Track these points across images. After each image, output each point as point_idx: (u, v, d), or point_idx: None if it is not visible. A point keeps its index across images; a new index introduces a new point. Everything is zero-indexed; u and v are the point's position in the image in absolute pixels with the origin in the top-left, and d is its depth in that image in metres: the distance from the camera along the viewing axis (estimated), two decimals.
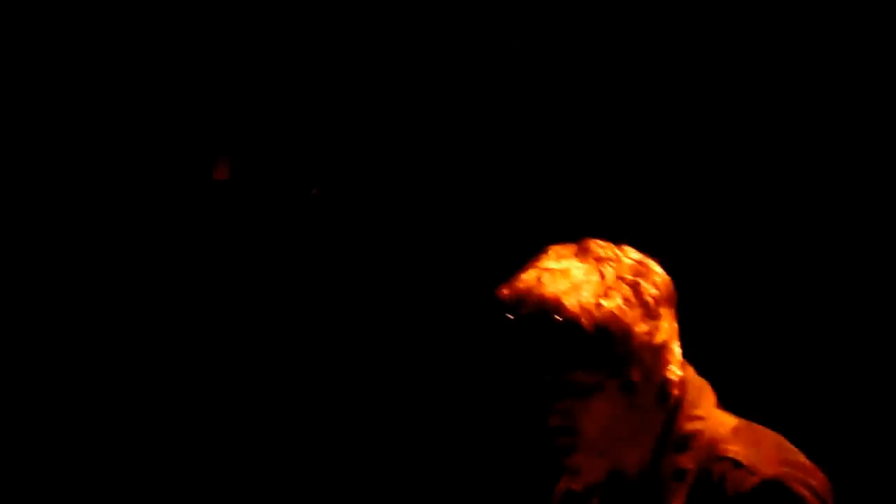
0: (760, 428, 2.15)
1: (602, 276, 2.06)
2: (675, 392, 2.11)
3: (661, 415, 2.10)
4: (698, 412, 2.14)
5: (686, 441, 2.12)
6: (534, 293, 2.04)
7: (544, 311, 2.02)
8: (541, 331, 2.02)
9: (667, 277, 2.13)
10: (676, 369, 2.11)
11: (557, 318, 2.01)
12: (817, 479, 2.09)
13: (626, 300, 2.05)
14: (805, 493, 2.05)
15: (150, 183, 3.80)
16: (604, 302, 2.04)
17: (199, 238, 3.78)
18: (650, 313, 2.07)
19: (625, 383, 2.06)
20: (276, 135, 3.72)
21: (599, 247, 2.11)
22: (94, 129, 3.79)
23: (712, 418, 2.14)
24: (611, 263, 2.08)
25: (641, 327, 2.05)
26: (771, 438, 2.13)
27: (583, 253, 2.09)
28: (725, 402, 2.18)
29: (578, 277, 2.05)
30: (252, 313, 3.76)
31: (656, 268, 2.12)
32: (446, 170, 3.74)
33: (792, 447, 2.12)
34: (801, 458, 2.11)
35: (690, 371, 2.16)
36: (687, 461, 2.10)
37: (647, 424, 2.09)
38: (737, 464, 2.07)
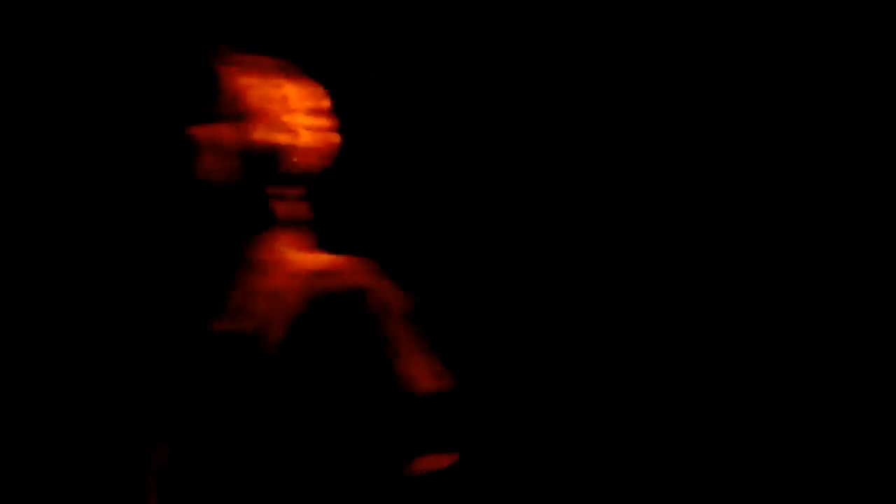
0: (350, 256, 2.30)
1: None
2: None
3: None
4: (284, 248, 2.32)
5: (265, 268, 2.30)
6: None
7: None
8: None
9: None
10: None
11: None
12: (400, 293, 2.25)
13: None
14: (388, 300, 2.22)
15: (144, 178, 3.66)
16: None
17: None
18: None
19: None
20: None
21: None
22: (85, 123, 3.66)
23: (301, 254, 2.33)
24: None
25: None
26: (360, 260, 2.29)
27: None
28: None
29: None
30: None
31: None
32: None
33: (377, 268, 2.27)
34: (387, 277, 2.26)
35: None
36: (263, 284, 2.28)
37: None
38: (324, 274, 2.25)
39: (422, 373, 2.21)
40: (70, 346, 3.44)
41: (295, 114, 2.40)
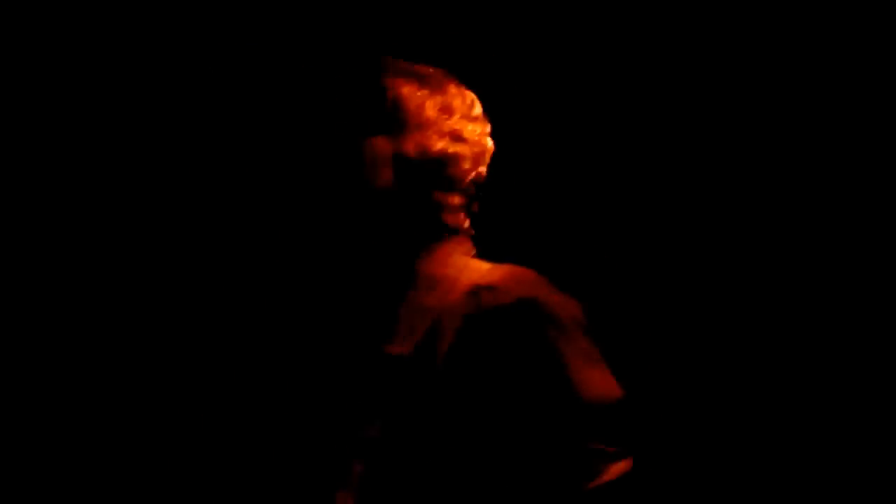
0: (514, 265, 2.29)
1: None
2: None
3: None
4: (451, 260, 2.31)
5: (436, 281, 2.28)
6: None
7: None
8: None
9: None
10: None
11: None
12: (570, 301, 2.24)
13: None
14: (556, 311, 2.19)
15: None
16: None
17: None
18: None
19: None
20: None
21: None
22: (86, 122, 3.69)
23: (467, 266, 2.30)
24: None
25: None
26: (526, 270, 2.27)
27: None
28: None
29: None
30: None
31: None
32: None
33: (544, 277, 2.26)
34: (554, 288, 2.24)
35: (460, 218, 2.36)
36: (433, 299, 2.26)
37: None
38: (491, 288, 2.22)
39: (594, 382, 2.18)
40: (247, 360, 3.46)
41: (459, 121, 2.39)
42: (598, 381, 2.19)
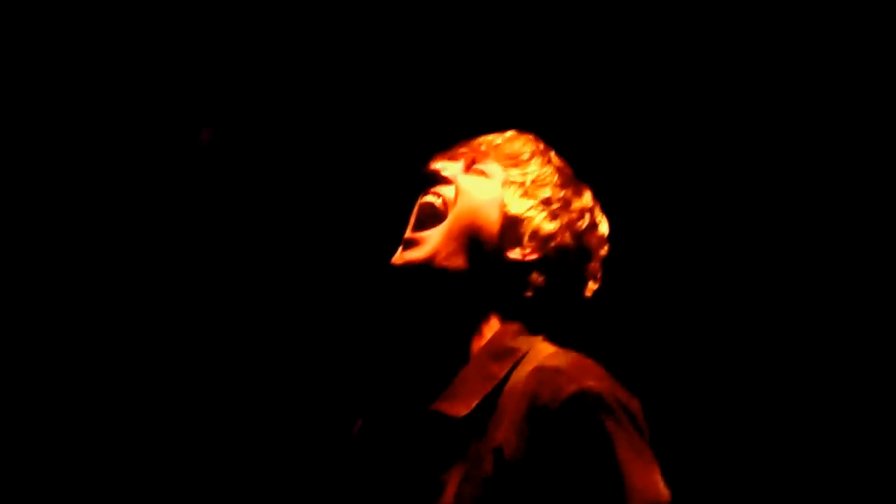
0: (582, 356, 2.28)
1: None
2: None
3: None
4: (523, 336, 2.33)
5: (505, 353, 2.30)
6: None
7: None
8: None
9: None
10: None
11: None
12: (631, 399, 2.24)
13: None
14: (617, 407, 2.19)
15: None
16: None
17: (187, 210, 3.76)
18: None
19: None
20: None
21: None
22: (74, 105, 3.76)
23: (542, 348, 2.32)
24: None
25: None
26: (591, 362, 2.27)
27: None
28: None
29: None
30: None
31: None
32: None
33: (609, 374, 2.25)
34: (618, 382, 2.25)
35: None
36: (499, 369, 2.28)
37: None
38: (558, 371, 2.22)
39: (644, 484, 2.21)
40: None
41: (578, 219, 2.45)
42: (649, 482, 2.20)
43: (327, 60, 3.78)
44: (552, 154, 2.49)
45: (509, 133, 2.50)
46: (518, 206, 2.41)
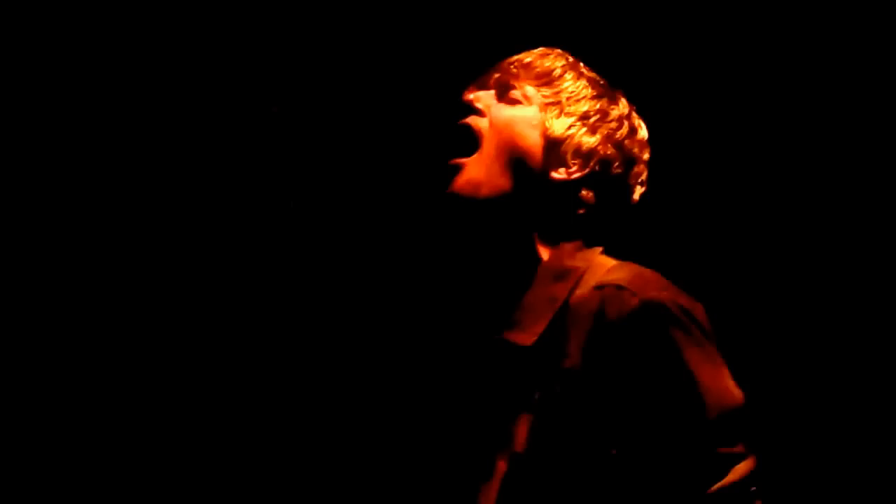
0: (641, 267, 2.30)
1: None
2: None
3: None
4: (580, 253, 2.34)
5: (564, 273, 2.30)
6: None
7: None
8: None
9: None
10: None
11: None
12: (695, 305, 2.24)
13: None
14: (682, 315, 2.20)
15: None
16: None
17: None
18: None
19: None
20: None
21: None
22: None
23: (600, 262, 2.32)
24: None
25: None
26: (651, 272, 2.28)
27: None
28: None
29: None
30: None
31: None
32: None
33: (670, 281, 2.27)
34: (679, 289, 2.26)
35: None
36: (560, 290, 2.28)
37: None
38: (619, 287, 2.22)
39: (718, 387, 2.22)
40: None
41: (618, 128, 2.45)
42: (722, 386, 2.21)
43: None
44: (582, 67, 2.49)
45: (538, 50, 2.50)
46: (557, 126, 2.40)
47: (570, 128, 2.40)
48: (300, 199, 3.58)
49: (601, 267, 2.33)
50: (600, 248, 2.39)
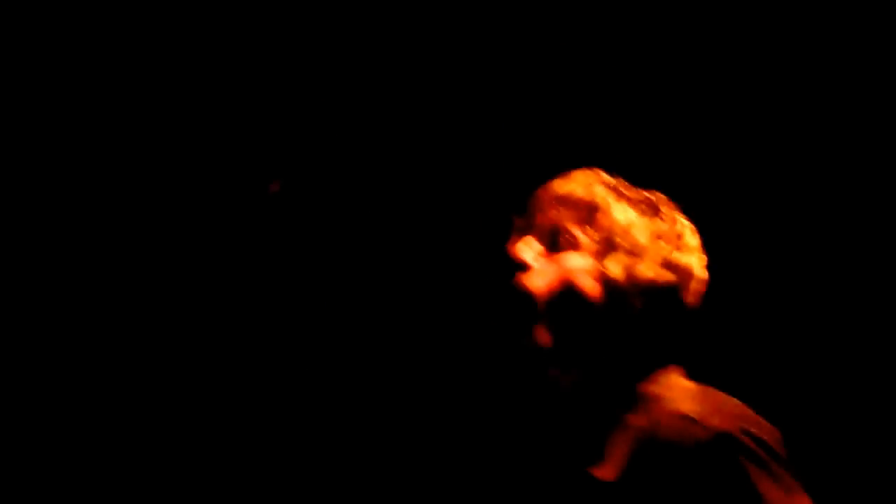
0: (717, 391, 2.27)
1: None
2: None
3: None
4: (655, 379, 2.30)
5: (642, 403, 2.27)
6: None
7: None
8: None
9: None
10: None
11: None
12: (766, 431, 2.21)
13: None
14: (752, 445, 2.17)
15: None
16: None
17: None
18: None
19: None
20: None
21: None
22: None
23: (674, 386, 2.29)
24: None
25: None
26: (724, 398, 2.26)
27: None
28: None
29: None
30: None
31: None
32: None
33: (744, 406, 2.24)
34: (752, 413, 2.23)
35: None
36: (640, 420, 2.25)
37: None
38: (690, 420, 2.18)
39: None
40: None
41: (673, 250, 2.36)
42: None
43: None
44: (621, 185, 2.40)
45: (575, 177, 2.39)
46: (612, 269, 2.32)
47: (625, 268, 2.32)
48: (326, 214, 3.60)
49: (675, 390, 2.29)
50: (679, 370, 2.35)
